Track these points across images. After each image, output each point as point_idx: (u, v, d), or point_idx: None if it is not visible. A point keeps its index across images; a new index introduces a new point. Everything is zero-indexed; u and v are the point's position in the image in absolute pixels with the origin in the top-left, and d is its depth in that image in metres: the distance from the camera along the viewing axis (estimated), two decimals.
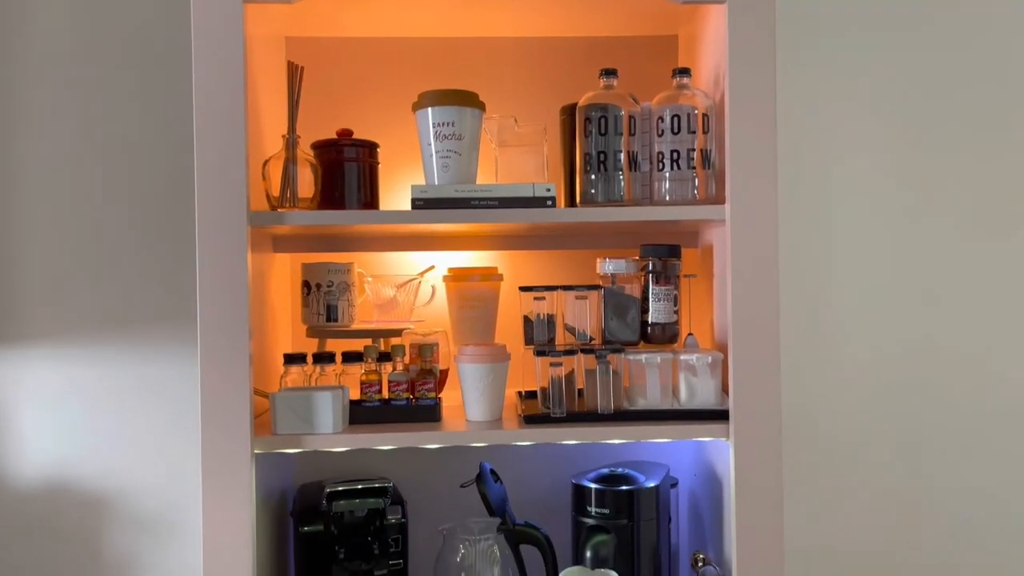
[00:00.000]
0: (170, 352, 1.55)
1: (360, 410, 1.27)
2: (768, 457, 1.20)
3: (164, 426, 1.56)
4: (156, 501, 1.56)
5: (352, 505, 1.35)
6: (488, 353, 1.27)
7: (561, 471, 1.52)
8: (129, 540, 1.56)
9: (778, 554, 1.19)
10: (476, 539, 1.38)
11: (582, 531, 1.35)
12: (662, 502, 1.36)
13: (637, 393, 1.28)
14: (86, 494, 1.56)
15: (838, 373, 1.63)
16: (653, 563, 1.35)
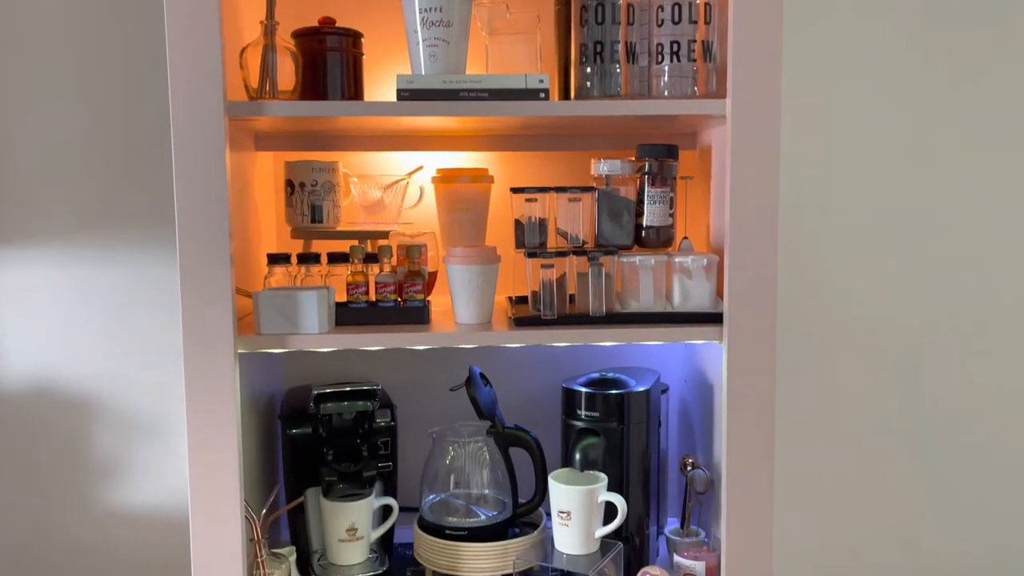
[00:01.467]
0: (151, 253, 1.52)
1: (346, 312, 1.24)
2: (761, 361, 1.18)
3: (148, 328, 1.53)
4: (142, 403, 1.55)
5: (340, 407, 1.33)
6: (478, 255, 1.24)
7: (551, 376, 1.51)
8: (116, 442, 1.55)
9: (768, 459, 1.19)
10: (465, 442, 1.38)
11: (572, 434, 1.34)
12: (652, 406, 1.35)
13: (630, 296, 1.25)
14: (71, 397, 1.55)
15: (836, 282, 1.60)
16: (642, 466, 1.35)
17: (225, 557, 1.14)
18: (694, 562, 1.30)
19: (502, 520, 1.34)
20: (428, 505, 1.37)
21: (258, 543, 1.21)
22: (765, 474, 1.18)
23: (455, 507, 1.36)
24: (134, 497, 1.56)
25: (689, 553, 1.32)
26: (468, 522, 1.33)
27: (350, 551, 1.33)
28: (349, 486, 1.33)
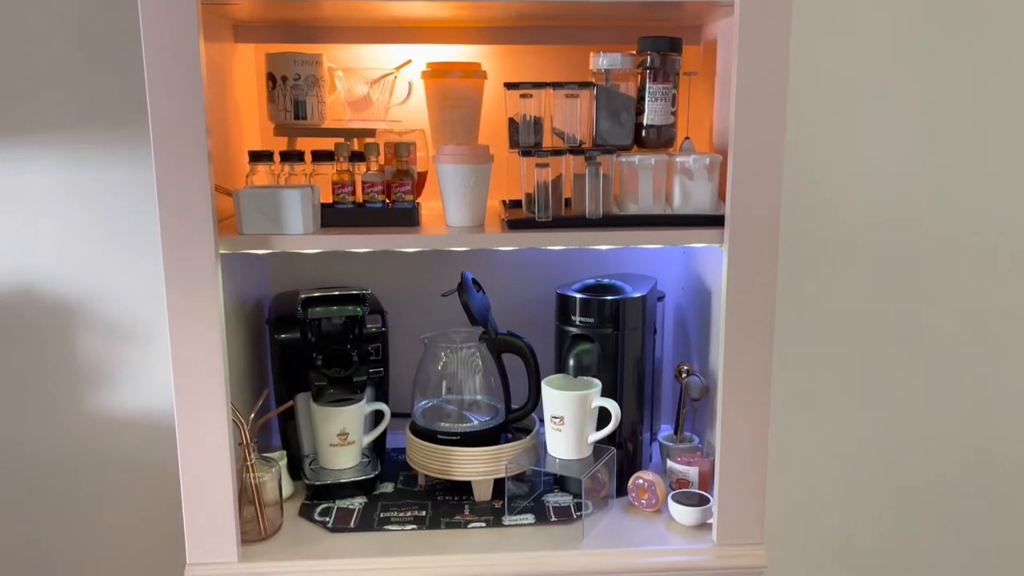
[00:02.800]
0: (131, 153, 1.46)
1: (332, 213, 1.19)
2: (763, 265, 1.14)
3: (130, 230, 1.49)
4: (126, 307, 1.52)
5: (329, 312, 1.30)
6: (470, 153, 1.18)
7: (545, 283, 1.47)
8: (102, 347, 1.53)
9: (766, 364, 1.17)
10: (458, 348, 1.35)
11: (566, 340, 1.32)
12: (648, 313, 1.32)
13: (628, 199, 1.20)
14: (54, 301, 1.51)
15: (839, 189, 1.55)
16: (637, 373, 1.33)
17: (213, 461, 1.12)
18: (687, 467, 1.30)
19: (494, 425, 1.33)
20: (420, 411, 1.36)
21: (247, 447, 1.19)
22: (762, 380, 1.16)
23: (447, 412, 1.35)
24: (122, 401, 1.55)
25: (682, 459, 1.31)
26: (460, 427, 1.32)
27: (342, 455, 1.33)
28: (339, 391, 1.32)
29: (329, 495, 1.31)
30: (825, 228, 1.57)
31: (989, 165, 1.57)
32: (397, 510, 1.28)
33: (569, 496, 1.32)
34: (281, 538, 1.21)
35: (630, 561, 1.17)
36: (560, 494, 1.33)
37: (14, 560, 1.61)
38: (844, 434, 1.67)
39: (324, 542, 1.20)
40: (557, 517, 1.26)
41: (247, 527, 1.19)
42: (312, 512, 1.27)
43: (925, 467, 1.70)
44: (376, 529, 1.23)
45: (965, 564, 1.75)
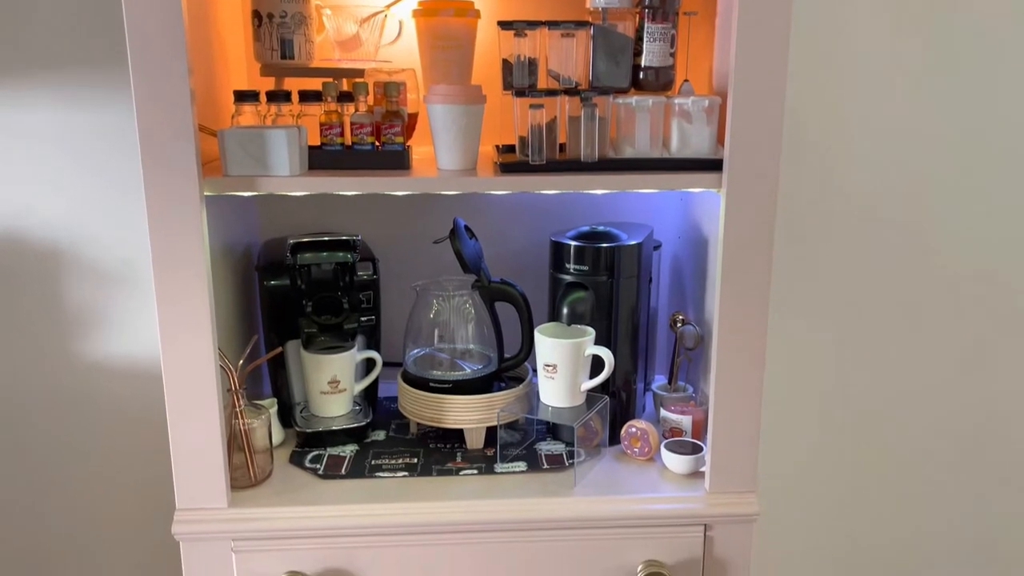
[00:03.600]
0: (112, 95, 1.42)
1: (320, 155, 1.16)
2: (761, 211, 1.12)
3: (117, 174, 1.46)
4: (113, 253, 1.49)
5: (319, 258, 1.28)
6: (462, 93, 1.14)
7: (539, 230, 1.45)
8: (89, 293, 1.51)
9: (762, 313, 1.15)
10: (450, 296, 1.33)
11: (559, 288, 1.30)
12: (644, 261, 1.30)
13: (625, 142, 1.17)
14: (40, 246, 1.49)
15: (841, 142, 1.52)
16: (631, 322, 1.31)
17: (201, 407, 1.11)
18: (680, 416, 1.29)
19: (487, 374, 1.32)
20: (412, 359, 1.35)
21: (235, 393, 1.18)
22: (758, 327, 1.15)
23: (439, 361, 1.34)
24: (110, 348, 1.53)
25: (676, 407, 1.31)
26: (453, 375, 1.31)
27: (333, 403, 1.31)
28: (330, 339, 1.30)
29: (320, 442, 1.30)
30: (826, 180, 1.55)
31: (996, 118, 1.54)
32: (389, 457, 1.27)
33: (561, 444, 1.32)
34: (271, 484, 1.20)
35: (622, 508, 1.16)
36: (552, 442, 1.32)
37: (1, 507, 1.61)
38: (839, 385, 1.67)
39: (315, 488, 1.19)
40: (549, 465, 1.26)
41: (237, 473, 1.19)
42: (303, 459, 1.27)
43: (922, 420, 1.70)
44: (367, 476, 1.22)
45: (962, 512, 1.76)
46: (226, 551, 1.14)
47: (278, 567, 1.14)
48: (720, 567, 1.19)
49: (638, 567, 1.17)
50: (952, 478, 1.73)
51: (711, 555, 1.19)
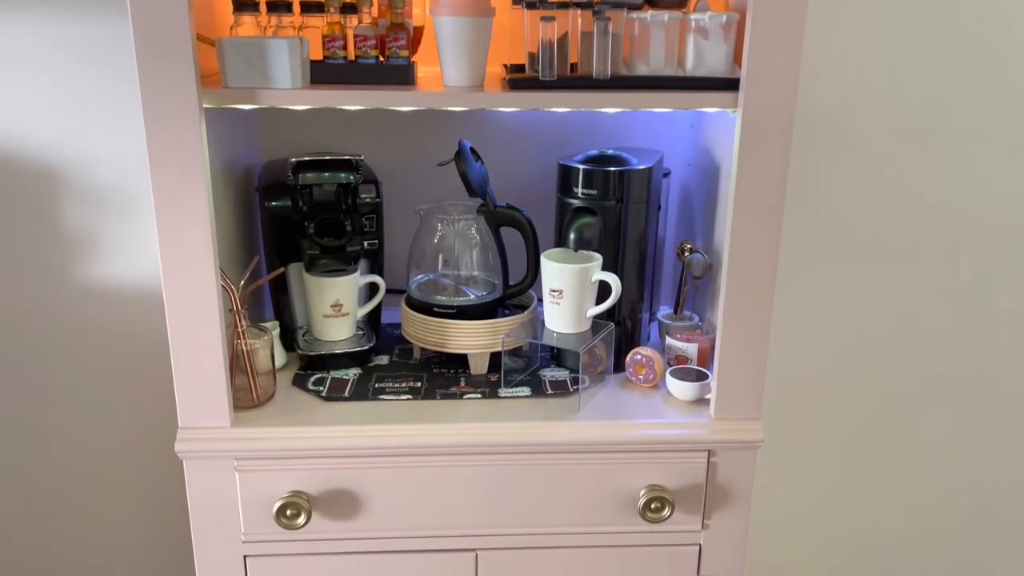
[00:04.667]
0: (112, 10, 1.37)
1: (322, 69, 1.12)
2: (777, 134, 1.08)
3: (116, 92, 1.41)
4: (113, 174, 1.46)
5: (321, 178, 1.25)
6: (469, 5, 1.10)
7: (546, 155, 1.42)
8: (87, 215, 1.48)
9: (774, 241, 1.12)
10: (455, 220, 1.31)
11: (567, 213, 1.27)
12: (653, 186, 1.27)
13: (638, 60, 1.13)
14: (37, 165, 1.45)
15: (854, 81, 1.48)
16: (638, 250, 1.29)
17: (202, 327, 1.10)
18: (686, 344, 1.28)
19: (492, 300, 1.30)
20: (416, 284, 1.33)
21: (237, 313, 1.16)
22: (770, 251, 1.12)
23: (443, 286, 1.32)
24: (110, 271, 1.51)
25: (682, 335, 1.29)
26: (457, 300, 1.29)
27: (336, 327, 1.30)
28: (333, 261, 1.28)
29: (323, 366, 1.29)
30: (837, 117, 1.51)
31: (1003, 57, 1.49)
32: (392, 381, 1.26)
33: (566, 371, 1.31)
34: (274, 406, 1.20)
35: (627, 433, 1.16)
36: (557, 369, 1.32)
37: (2, 433, 1.61)
38: (844, 319, 1.66)
39: (318, 410, 1.19)
40: (553, 390, 1.25)
41: (239, 395, 1.18)
42: (306, 382, 1.26)
43: (923, 356, 1.69)
44: (371, 399, 1.21)
45: (962, 448, 1.77)
46: (229, 470, 1.14)
47: (281, 487, 1.15)
48: (722, 493, 1.19)
49: (641, 491, 1.17)
50: (954, 417, 1.74)
51: (714, 481, 1.19)
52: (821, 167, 1.55)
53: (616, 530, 1.20)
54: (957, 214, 1.59)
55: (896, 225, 1.59)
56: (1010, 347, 1.69)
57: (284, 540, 1.17)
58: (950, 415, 1.74)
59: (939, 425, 1.74)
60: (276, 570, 1.18)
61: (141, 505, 1.67)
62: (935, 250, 1.61)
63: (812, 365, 1.68)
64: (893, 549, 1.84)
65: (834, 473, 1.77)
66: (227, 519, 1.16)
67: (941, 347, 1.69)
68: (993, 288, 1.65)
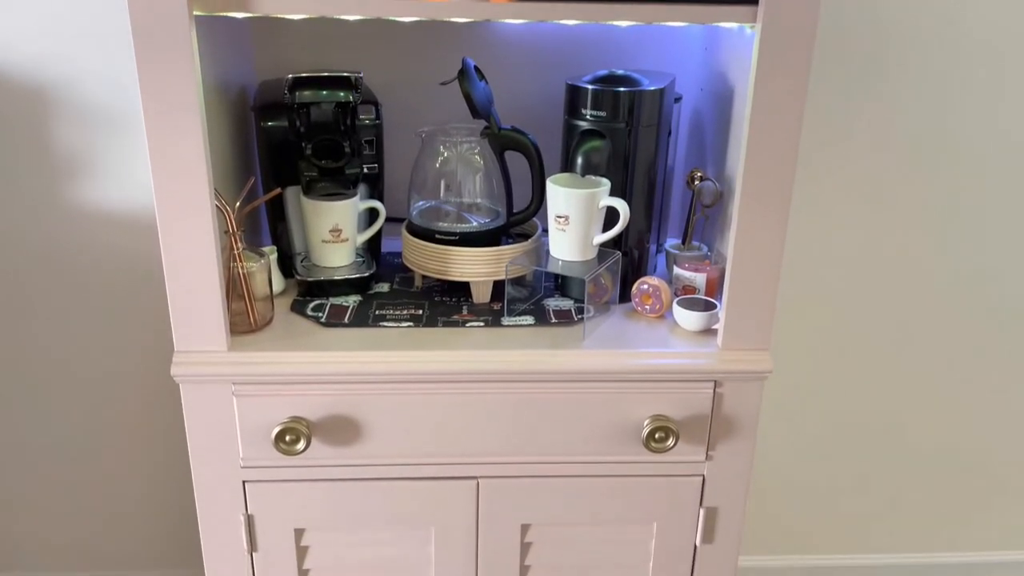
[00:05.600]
0: None
1: None
2: (796, 54, 1.03)
3: (104, 4, 1.35)
4: (100, 91, 1.41)
5: (318, 96, 1.20)
6: None
7: (553, 75, 1.37)
8: (78, 137, 1.43)
9: (789, 169, 1.08)
10: (458, 143, 1.26)
11: (574, 136, 1.22)
12: (665, 109, 1.22)
13: None
14: (24, 84, 1.40)
15: None
16: (647, 177, 1.24)
17: (197, 249, 1.06)
18: (694, 274, 1.25)
19: (495, 227, 1.27)
20: (417, 211, 1.29)
21: (233, 235, 1.13)
22: (784, 182, 1.08)
23: (446, 213, 1.28)
24: (102, 194, 1.47)
25: (690, 265, 1.26)
26: (459, 227, 1.26)
27: (335, 253, 1.27)
28: (331, 185, 1.24)
29: (322, 292, 1.26)
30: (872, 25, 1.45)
31: None
32: (393, 308, 1.24)
33: (570, 301, 1.28)
34: (272, 331, 1.17)
35: (632, 362, 1.14)
36: (561, 299, 1.29)
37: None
38: (855, 247, 1.62)
39: (317, 335, 1.16)
40: (557, 319, 1.22)
41: (236, 319, 1.15)
42: (304, 308, 1.23)
43: (934, 282, 1.66)
44: (371, 325, 1.19)
45: (966, 368, 1.76)
46: (227, 395, 1.12)
47: (280, 413, 1.13)
48: (727, 424, 1.18)
49: (645, 421, 1.16)
50: (964, 352, 1.72)
51: (719, 412, 1.17)
52: (840, 90, 1.49)
53: (619, 460, 1.18)
54: (978, 146, 1.54)
55: (914, 154, 1.55)
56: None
57: (283, 466, 1.16)
58: (961, 349, 1.72)
59: (948, 360, 1.72)
60: (276, 496, 1.18)
61: (139, 431, 1.67)
62: (960, 176, 1.57)
63: (818, 297, 1.66)
64: (895, 484, 1.84)
65: (837, 407, 1.76)
66: (225, 445, 1.14)
67: (954, 284, 1.66)
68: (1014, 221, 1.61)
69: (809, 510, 1.85)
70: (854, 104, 1.50)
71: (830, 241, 1.61)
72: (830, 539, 1.88)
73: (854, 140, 1.53)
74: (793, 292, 1.64)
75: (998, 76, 1.49)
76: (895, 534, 1.88)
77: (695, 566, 1.25)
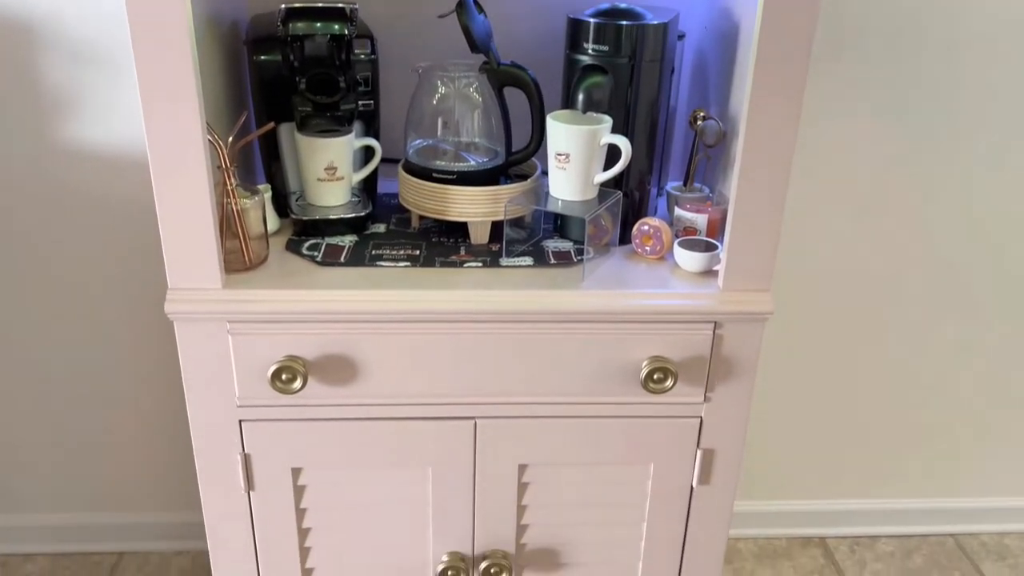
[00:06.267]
0: None
1: None
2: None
3: None
4: (91, 26, 1.37)
5: (312, 28, 1.16)
6: None
7: (555, 9, 1.33)
8: (66, 73, 1.40)
9: (795, 108, 1.05)
10: (455, 79, 1.23)
11: (575, 71, 1.19)
12: (668, 45, 1.19)
13: None
14: (9, 16, 1.36)
15: None
16: (650, 115, 1.22)
17: (190, 184, 1.04)
18: (696, 215, 1.23)
19: (494, 166, 1.24)
20: (414, 149, 1.26)
21: (226, 170, 1.10)
22: (790, 120, 1.06)
23: (443, 151, 1.26)
24: (92, 132, 1.44)
25: (691, 206, 1.24)
26: (457, 166, 1.23)
27: (330, 191, 1.25)
28: (326, 121, 1.21)
29: (317, 231, 1.24)
30: None
31: None
32: (390, 248, 1.22)
33: (569, 242, 1.26)
34: (267, 269, 1.16)
35: (632, 303, 1.13)
36: (560, 240, 1.27)
37: None
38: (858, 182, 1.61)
39: (312, 274, 1.15)
40: (556, 260, 1.21)
41: (231, 258, 1.13)
42: (300, 247, 1.21)
43: (936, 225, 1.65)
44: (368, 264, 1.17)
45: (970, 311, 1.75)
46: (222, 333, 1.11)
47: (276, 351, 1.12)
48: (726, 365, 1.17)
49: (643, 362, 1.15)
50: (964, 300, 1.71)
51: (718, 353, 1.16)
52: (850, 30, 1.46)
53: (617, 401, 1.18)
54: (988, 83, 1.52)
55: (926, 95, 1.52)
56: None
57: (280, 405, 1.15)
58: (964, 293, 1.71)
59: (951, 304, 1.72)
60: (272, 435, 1.17)
61: (134, 372, 1.66)
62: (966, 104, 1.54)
63: (819, 240, 1.64)
64: (892, 430, 1.85)
65: (836, 352, 1.76)
66: (221, 384, 1.13)
67: (955, 231, 1.64)
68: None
69: (806, 456, 1.86)
70: (860, 45, 1.47)
71: (832, 183, 1.59)
72: (826, 485, 1.89)
73: (862, 79, 1.50)
74: (795, 235, 1.63)
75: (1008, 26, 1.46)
76: (891, 480, 1.89)
77: (691, 507, 1.26)
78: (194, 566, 1.77)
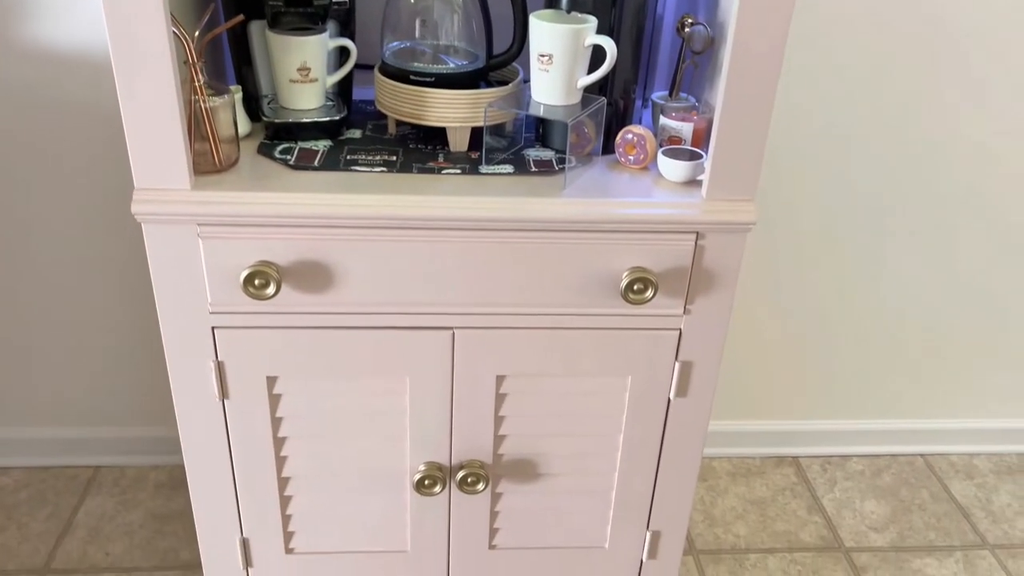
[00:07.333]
0: None
1: None
2: None
3: None
4: None
5: None
6: None
7: None
8: None
9: (786, 10, 1.02)
10: None
11: None
12: None
13: None
14: None
15: None
16: (636, 17, 1.17)
17: (154, 78, 0.99)
18: (681, 124, 1.20)
19: (474, 69, 1.20)
20: (390, 52, 1.21)
21: (193, 66, 1.05)
22: (779, 25, 1.02)
23: (421, 53, 1.21)
24: (52, 33, 1.37)
25: (677, 115, 1.21)
26: (436, 68, 1.19)
27: (303, 94, 1.20)
28: (299, 19, 1.15)
29: (290, 135, 1.20)
30: None
31: None
32: (365, 153, 1.18)
33: (551, 151, 1.23)
34: (238, 172, 1.12)
35: (614, 211, 1.10)
36: (541, 149, 1.24)
37: None
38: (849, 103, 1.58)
39: (285, 177, 1.11)
40: (538, 168, 1.18)
41: (200, 160, 1.09)
42: (272, 150, 1.17)
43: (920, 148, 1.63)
44: (342, 169, 1.13)
45: (949, 234, 1.76)
46: (192, 237, 1.07)
47: (248, 257, 1.09)
48: (707, 277, 1.16)
49: (623, 273, 1.14)
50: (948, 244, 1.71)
51: (700, 265, 1.15)
52: None
53: (596, 312, 1.17)
54: None
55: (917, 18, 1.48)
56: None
57: (253, 312, 1.13)
58: (941, 215, 1.71)
59: (931, 226, 1.71)
60: (246, 343, 1.15)
61: (102, 281, 1.62)
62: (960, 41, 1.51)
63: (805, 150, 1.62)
64: (864, 353, 1.87)
65: (813, 273, 1.76)
66: (192, 289, 1.11)
67: (937, 151, 1.63)
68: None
69: (780, 377, 1.87)
70: None
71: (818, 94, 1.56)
72: (800, 406, 1.92)
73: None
74: (779, 148, 1.60)
75: None
76: (863, 401, 1.92)
77: (668, 419, 1.27)
78: (171, 479, 1.77)
